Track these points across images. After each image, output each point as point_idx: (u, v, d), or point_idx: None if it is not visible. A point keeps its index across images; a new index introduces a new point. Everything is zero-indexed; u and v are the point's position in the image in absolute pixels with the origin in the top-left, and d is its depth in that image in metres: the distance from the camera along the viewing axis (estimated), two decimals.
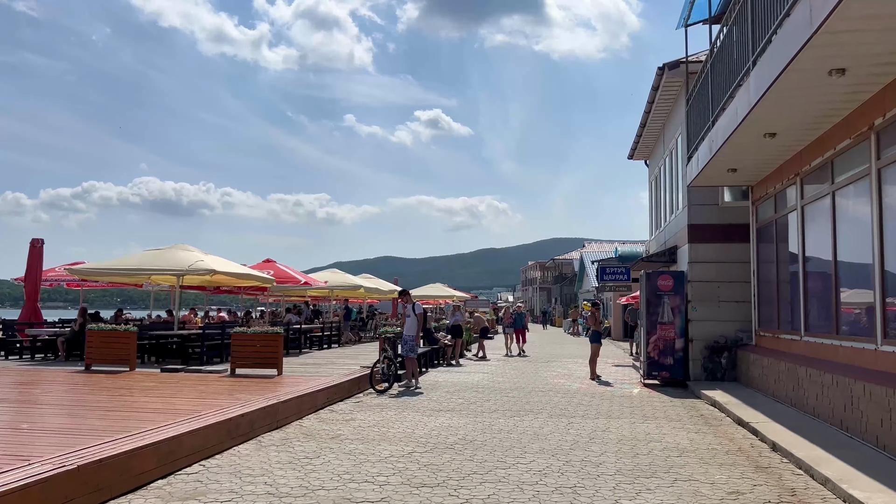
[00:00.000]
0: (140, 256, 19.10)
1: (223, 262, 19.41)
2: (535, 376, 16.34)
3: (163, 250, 19.17)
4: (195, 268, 17.69)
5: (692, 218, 14.80)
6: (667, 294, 14.87)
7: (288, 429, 9.33)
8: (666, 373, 14.75)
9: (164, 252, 18.91)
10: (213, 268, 17.72)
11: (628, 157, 22.68)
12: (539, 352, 25.02)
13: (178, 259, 18.19)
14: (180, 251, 18.92)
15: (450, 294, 45.67)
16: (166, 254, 18.72)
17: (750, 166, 11.46)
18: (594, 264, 48.79)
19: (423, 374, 16.42)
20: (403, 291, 14.78)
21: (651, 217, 21.85)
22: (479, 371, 17.58)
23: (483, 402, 11.80)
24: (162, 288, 26.57)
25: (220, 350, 17.62)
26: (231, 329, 16.09)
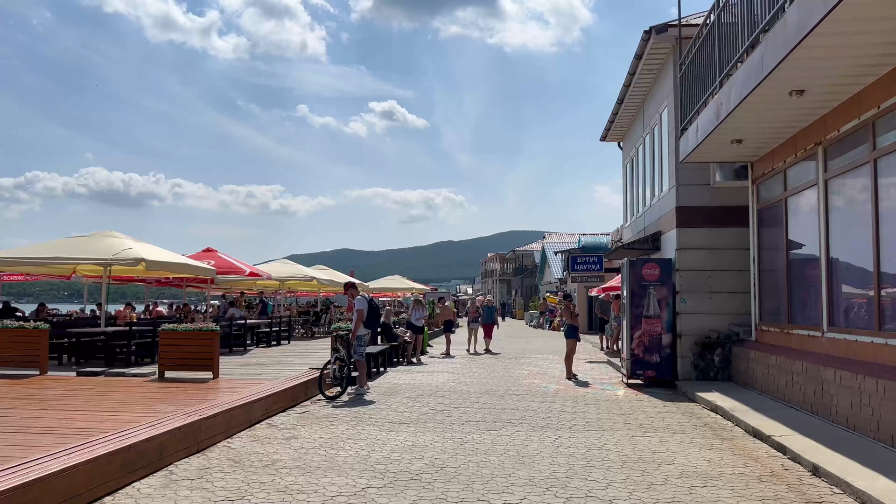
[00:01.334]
0: (61, 244, 16.82)
1: (155, 250, 17.29)
2: (506, 376, 14.71)
3: (87, 237, 16.93)
4: (122, 257, 15.58)
5: (681, 200, 13.33)
6: (653, 284, 13.37)
7: (212, 452, 7.47)
8: (652, 371, 13.27)
9: (89, 239, 16.69)
10: (142, 256, 15.65)
11: (601, 138, 21.21)
12: (505, 347, 23.43)
13: (103, 247, 16.03)
14: (107, 238, 16.72)
15: (409, 286, 43.88)
16: (91, 241, 16.51)
17: (758, 136, 9.98)
18: (557, 255, 47.53)
19: (382, 375, 14.64)
20: (349, 283, 12.91)
21: (626, 202, 20.43)
22: (443, 370, 15.88)
23: (451, 411, 10.09)
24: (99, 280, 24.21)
25: (152, 350, 15.56)
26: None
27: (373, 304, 12.01)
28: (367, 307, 11.89)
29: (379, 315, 12.12)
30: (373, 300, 12.13)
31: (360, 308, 11.85)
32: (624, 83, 16.32)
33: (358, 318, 11.85)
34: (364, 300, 11.95)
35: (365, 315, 11.84)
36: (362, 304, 11.89)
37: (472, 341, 21.03)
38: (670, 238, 13.94)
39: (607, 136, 20.64)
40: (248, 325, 21.06)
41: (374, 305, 12.02)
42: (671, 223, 13.75)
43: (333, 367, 11.53)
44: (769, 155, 10.85)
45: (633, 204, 19.09)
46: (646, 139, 16.84)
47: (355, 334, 11.87)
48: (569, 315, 14.74)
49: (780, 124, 9.29)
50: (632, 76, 15.45)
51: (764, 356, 10.69)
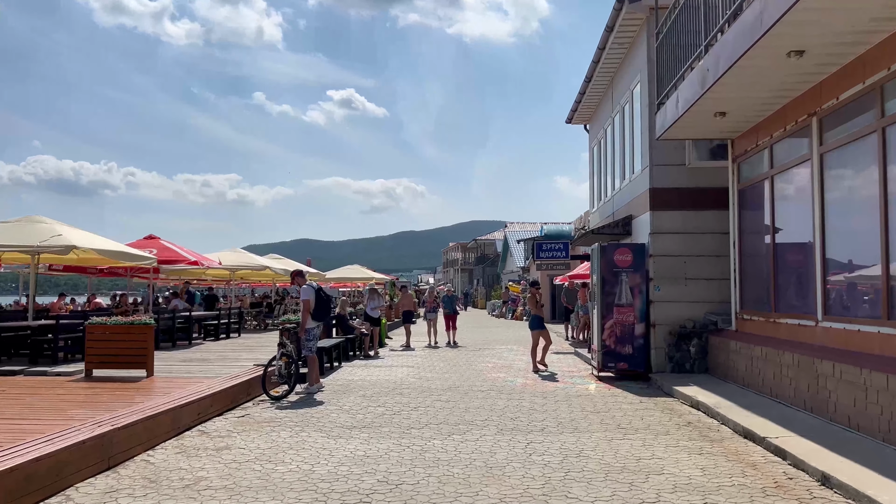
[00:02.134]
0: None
1: (89, 237, 15.89)
2: (469, 370, 13.77)
3: (12, 223, 15.43)
4: (50, 244, 14.19)
5: (655, 181, 12.51)
6: (625, 271, 12.55)
7: (126, 469, 6.34)
8: (624, 364, 12.47)
9: (14, 225, 15.20)
10: (73, 244, 14.29)
11: (567, 120, 20.36)
12: (468, 337, 22.50)
13: (29, 233, 14.59)
14: (34, 224, 15.24)
15: (368, 276, 42.66)
16: (17, 228, 15.03)
17: (745, 108, 9.16)
18: (520, 243, 46.90)
19: (336, 371, 13.55)
20: (296, 272, 11.76)
21: (592, 187, 19.64)
22: (402, 364, 14.86)
23: (410, 412, 9.09)
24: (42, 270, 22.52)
25: (84, 345, 14.21)
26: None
27: (322, 295, 10.92)
28: (314, 297, 10.79)
29: (329, 306, 11.02)
30: (322, 290, 11.02)
31: (306, 298, 10.75)
32: (593, 59, 15.44)
33: (305, 310, 10.75)
34: (311, 289, 10.85)
35: (312, 306, 10.75)
36: (308, 293, 10.78)
37: (431, 333, 19.70)
38: (643, 222, 13.14)
39: (573, 117, 19.79)
40: (194, 317, 19.73)
41: (323, 296, 10.92)
42: (644, 206, 12.93)
43: (279, 364, 10.41)
44: (752, 130, 10.06)
45: (600, 188, 18.29)
46: (615, 119, 16.01)
47: (304, 327, 10.78)
48: (534, 304, 13.82)
49: (769, 94, 8.47)
50: (601, 51, 14.57)
51: (747, 347, 9.93)
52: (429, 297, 20.97)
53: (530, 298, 14.11)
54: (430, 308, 20.35)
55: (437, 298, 20.19)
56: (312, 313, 10.78)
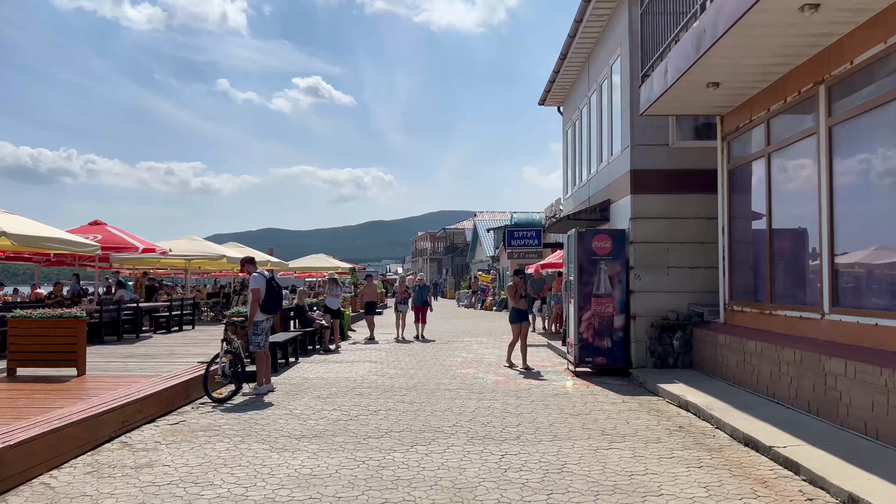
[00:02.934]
0: None
1: (24, 222, 14.55)
2: (437, 365, 12.79)
3: None
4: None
5: (636, 162, 11.62)
6: (604, 259, 11.67)
7: (18, 496, 5.22)
8: (602, 358, 11.61)
9: None
10: (3, 230, 12.95)
11: (539, 102, 19.42)
12: (436, 329, 21.51)
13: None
14: None
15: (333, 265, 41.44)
16: None
17: (741, 78, 8.29)
18: (489, 232, 46.03)
19: (291, 368, 12.46)
20: (246, 259, 10.58)
21: (566, 172, 18.75)
22: (364, 360, 13.82)
23: (369, 417, 8.08)
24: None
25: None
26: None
27: (273, 284, 9.81)
28: (265, 287, 9.69)
29: (281, 297, 9.92)
30: (273, 279, 9.92)
31: (256, 287, 9.65)
32: (568, 34, 14.49)
33: (253, 301, 9.65)
34: (261, 278, 9.74)
35: (262, 296, 9.65)
36: (258, 282, 9.68)
37: (399, 326, 18.40)
38: (622, 207, 12.26)
39: (546, 98, 18.85)
40: (142, 308, 18.42)
41: (275, 285, 9.82)
42: (624, 189, 12.05)
43: (223, 363, 9.29)
44: (747, 105, 9.19)
45: (574, 173, 17.41)
46: (591, 99, 15.11)
47: (252, 320, 9.68)
48: (513, 295, 12.75)
49: (772, 59, 7.59)
50: (578, 24, 13.62)
51: (738, 341, 9.11)
52: (399, 288, 19.34)
53: (510, 288, 12.89)
54: (400, 299, 18.89)
55: (408, 289, 18.67)
56: (262, 305, 9.69)
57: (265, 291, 9.69)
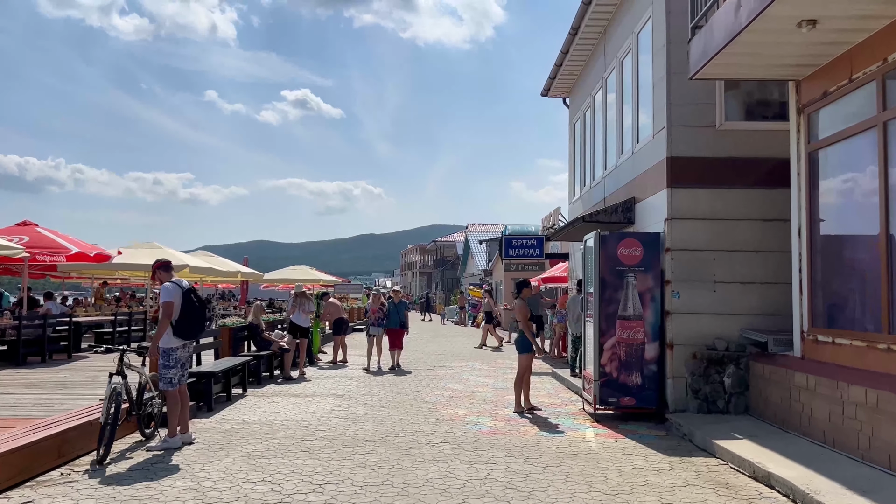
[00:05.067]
0: None
1: None
2: (417, 402, 10.16)
3: None
4: None
5: (675, 147, 9.11)
6: (632, 270, 9.12)
7: None
8: (630, 398, 9.03)
9: None
10: None
11: (542, 93, 16.96)
12: (421, 350, 18.87)
13: None
14: None
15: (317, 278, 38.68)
16: None
17: (849, 13, 5.80)
18: (482, 244, 43.54)
19: (234, 402, 9.79)
20: (158, 263, 7.73)
21: (574, 171, 16.26)
22: (328, 392, 11.15)
23: (309, 496, 5.46)
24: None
25: None
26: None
27: (192, 298, 7.16)
28: (180, 301, 7.06)
29: (203, 315, 7.26)
30: (193, 291, 7.27)
31: (167, 301, 7.01)
32: (582, 1, 12.05)
33: (163, 319, 7.01)
34: (175, 290, 7.10)
35: (176, 313, 7.02)
36: (170, 294, 7.04)
37: (372, 353, 14.49)
38: (652, 205, 9.75)
39: (551, 87, 16.38)
40: (77, 323, 15.72)
41: (193, 300, 7.17)
42: (656, 183, 9.54)
43: (108, 407, 6.58)
44: (844, 58, 6.70)
45: (584, 171, 14.90)
46: (608, 81, 12.63)
47: (156, 345, 7.04)
48: (522, 316, 9.68)
49: None
50: None
51: (831, 385, 6.56)
52: (373, 305, 15.07)
53: (520, 308, 9.78)
54: (374, 320, 14.80)
55: (383, 307, 14.93)
56: (175, 325, 7.05)
57: (180, 307, 7.06)
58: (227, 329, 12.20)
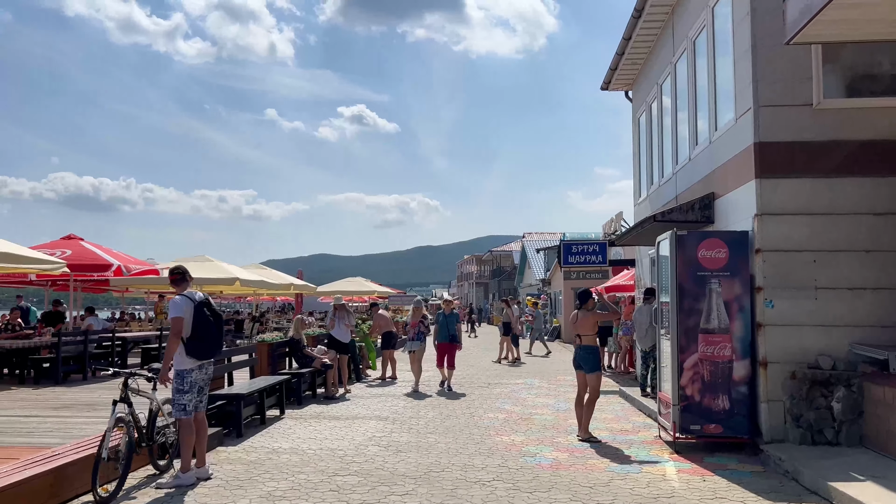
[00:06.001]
0: None
1: None
2: (468, 427, 9.05)
3: None
4: None
5: (765, 130, 7.80)
6: (716, 275, 7.82)
7: None
8: (716, 426, 7.71)
9: None
10: None
11: (602, 86, 15.70)
12: (475, 366, 17.76)
13: None
14: None
15: (371, 289, 38.12)
16: None
17: None
18: (539, 253, 42.17)
19: (267, 427, 8.87)
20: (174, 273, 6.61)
21: (638, 170, 14.93)
22: (371, 415, 10.15)
23: None
24: None
25: None
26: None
27: (205, 312, 6.25)
28: (192, 316, 6.17)
29: (219, 332, 6.35)
30: (208, 304, 6.35)
31: (175, 316, 6.12)
32: None
33: (171, 336, 6.14)
34: (186, 303, 6.21)
35: (188, 330, 6.14)
36: (180, 309, 6.15)
37: (415, 371, 12.97)
38: (736, 201, 8.43)
39: (612, 80, 15.10)
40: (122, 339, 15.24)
41: (207, 314, 6.26)
42: (741, 174, 8.23)
43: (113, 439, 5.74)
44: None
45: (652, 168, 13.58)
46: (678, 66, 11.35)
47: (167, 366, 6.17)
48: (590, 327, 8.55)
49: None
50: None
51: None
52: (413, 317, 13.47)
53: (585, 321, 8.55)
54: (413, 334, 13.26)
55: (424, 319, 13.51)
56: (187, 344, 6.17)
57: (192, 323, 6.17)
58: (264, 345, 11.39)
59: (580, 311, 8.65)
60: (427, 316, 13.37)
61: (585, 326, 8.53)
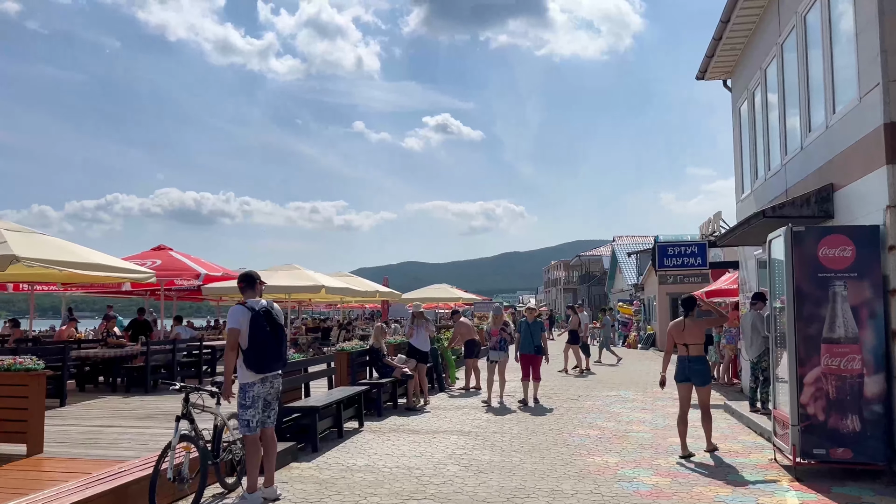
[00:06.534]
0: None
1: (50, 245, 11.93)
2: (556, 445, 8.34)
3: None
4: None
5: (895, 110, 6.74)
6: (840, 277, 6.83)
7: None
8: (845, 450, 6.70)
9: None
10: (13, 253, 10.35)
11: (698, 76, 14.60)
12: (562, 377, 16.95)
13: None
14: None
15: (456, 296, 37.73)
16: None
17: None
18: (630, 257, 40.59)
19: (344, 441, 8.48)
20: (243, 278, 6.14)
21: (740, 164, 13.75)
22: (451, 429, 9.60)
23: None
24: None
25: None
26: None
27: (263, 322, 5.84)
28: (248, 326, 5.79)
29: (278, 343, 5.91)
30: (269, 313, 5.95)
31: (231, 327, 5.77)
32: None
33: (227, 349, 5.79)
34: (242, 312, 5.83)
35: (245, 340, 5.77)
36: (235, 319, 5.79)
37: (493, 384, 12.00)
38: (863, 191, 7.37)
39: (708, 68, 13.99)
40: (211, 347, 15.40)
41: (264, 324, 5.84)
42: (868, 160, 7.17)
43: (176, 457, 5.45)
44: None
45: (758, 159, 12.43)
46: (785, 46, 10.26)
47: (228, 380, 5.82)
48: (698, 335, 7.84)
49: None
50: None
51: None
52: (494, 325, 12.30)
53: (694, 329, 7.82)
54: (495, 343, 12.10)
55: (506, 327, 12.30)
56: (245, 355, 5.80)
57: (248, 334, 5.79)
58: (343, 354, 11.07)
59: (687, 319, 7.87)
60: (509, 323, 12.56)
61: (695, 335, 7.80)
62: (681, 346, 7.82)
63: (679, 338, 7.87)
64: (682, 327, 7.87)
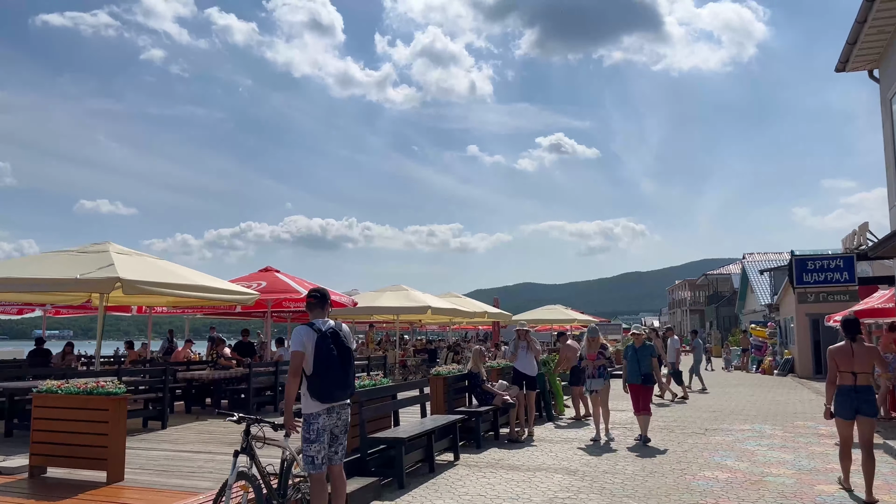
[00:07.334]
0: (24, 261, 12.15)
1: (156, 268, 12.18)
2: (677, 491, 7.13)
3: (65, 253, 12.16)
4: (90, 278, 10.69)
5: None
6: None
7: None
8: None
9: (64, 256, 11.97)
10: (118, 276, 10.62)
11: (837, 67, 12.87)
12: (688, 406, 15.34)
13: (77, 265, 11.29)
14: (93, 253, 11.91)
15: (571, 318, 36.25)
16: (65, 259, 11.80)
17: None
18: (763, 275, 37.43)
19: (436, 476, 7.70)
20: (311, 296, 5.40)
21: (894, 162, 11.89)
22: (555, 466, 8.56)
23: None
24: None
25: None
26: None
27: (328, 345, 5.16)
28: (312, 349, 5.14)
29: (345, 368, 5.21)
30: (336, 335, 5.27)
31: (294, 350, 5.14)
32: None
33: (290, 375, 5.16)
34: (307, 333, 5.19)
35: (310, 365, 5.12)
36: (298, 342, 5.16)
37: (599, 418, 10.57)
38: None
39: (851, 57, 12.26)
40: None
41: (330, 346, 5.17)
42: None
43: (232, 498, 4.85)
44: None
45: None
46: None
47: (290, 411, 5.18)
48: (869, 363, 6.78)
49: None
50: None
51: None
52: (589, 350, 10.90)
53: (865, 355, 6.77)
54: (592, 371, 10.75)
55: (604, 351, 10.84)
56: (309, 382, 5.15)
57: (313, 358, 5.14)
58: (439, 379, 10.34)
59: (855, 345, 6.73)
60: (607, 346, 11.10)
61: (865, 363, 6.76)
62: (847, 374, 6.73)
63: (846, 365, 6.78)
64: (849, 352, 6.71)
